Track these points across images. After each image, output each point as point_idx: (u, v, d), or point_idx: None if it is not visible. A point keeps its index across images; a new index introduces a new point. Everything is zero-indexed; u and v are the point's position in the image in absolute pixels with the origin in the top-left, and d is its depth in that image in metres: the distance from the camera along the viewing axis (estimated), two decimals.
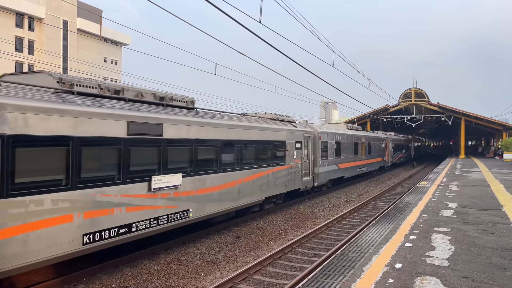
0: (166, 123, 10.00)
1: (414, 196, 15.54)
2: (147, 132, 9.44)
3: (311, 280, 8.14)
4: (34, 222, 7.02)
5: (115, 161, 8.64)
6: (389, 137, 40.55)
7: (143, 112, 9.50)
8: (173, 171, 10.17)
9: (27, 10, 51.99)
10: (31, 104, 7.01)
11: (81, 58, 55.95)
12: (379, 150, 35.10)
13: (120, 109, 8.88)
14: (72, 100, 7.99)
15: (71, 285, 8.28)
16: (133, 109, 9.29)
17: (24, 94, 7.19)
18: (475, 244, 8.06)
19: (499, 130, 48.08)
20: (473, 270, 6.47)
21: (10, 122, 6.65)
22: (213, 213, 11.96)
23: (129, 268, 9.35)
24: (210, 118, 12.01)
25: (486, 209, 12.15)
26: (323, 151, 21.72)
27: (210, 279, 9.51)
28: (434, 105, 47.31)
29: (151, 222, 9.52)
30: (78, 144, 7.77)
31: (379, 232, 11.21)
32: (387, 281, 5.99)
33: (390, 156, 39.85)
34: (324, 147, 21.85)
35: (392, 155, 40.95)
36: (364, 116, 49.09)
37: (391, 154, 40.66)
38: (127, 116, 8.90)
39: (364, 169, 30.23)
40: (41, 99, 7.36)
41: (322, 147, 21.52)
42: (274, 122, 16.72)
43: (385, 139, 37.88)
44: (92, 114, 8.12)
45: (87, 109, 8.04)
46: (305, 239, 12.93)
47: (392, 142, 40.81)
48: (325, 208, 18.90)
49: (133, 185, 9.02)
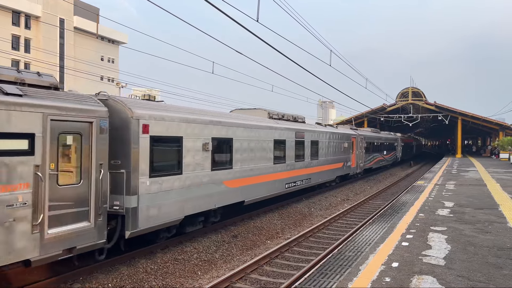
0: (307, 132, 19.38)
1: (411, 195, 15.58)
2: (300, 137, 18.59)
3: (308, 279, 8.16)
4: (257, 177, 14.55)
5: (302, 151, 18.86)
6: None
7: (300, 126, 19.19)
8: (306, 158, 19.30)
9: (23, 8, 51.77)
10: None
11: (78, 57, 55.78)
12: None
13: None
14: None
15: (67, 284, 8.26)
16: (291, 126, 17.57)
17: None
18: (472, 243, 8.09)
19: (496, 129, 48.27)
20: (469, 269, 6.49)
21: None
22: (318, 183, 21.33)
23: (126, 267, 9.33)
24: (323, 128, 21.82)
25: (483, 208, 12.19)
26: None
27: (207, 278, 9.51)
28: (431, 104, 47.44)
29: (303, 181, 18.88)
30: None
31: (376, 231, 11.24)
32: (383, 280, 6.01)
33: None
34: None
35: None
36: (361, 115, 49.18)
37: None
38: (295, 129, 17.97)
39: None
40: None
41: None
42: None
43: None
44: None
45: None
46: (302, 238, 12.94)
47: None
48: (322, 207, 18.92)
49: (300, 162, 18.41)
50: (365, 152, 31.02)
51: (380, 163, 36.74)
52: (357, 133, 29.31)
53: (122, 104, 9.17)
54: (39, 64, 45.81)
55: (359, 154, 29.62)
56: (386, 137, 39.98)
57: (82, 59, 53.61)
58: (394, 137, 44.53)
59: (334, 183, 24.82)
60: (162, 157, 10.07)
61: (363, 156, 30.83)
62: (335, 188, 24.33)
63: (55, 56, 53.44)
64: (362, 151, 30.49)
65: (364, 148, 31.05)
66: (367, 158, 32.14)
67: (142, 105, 9.70)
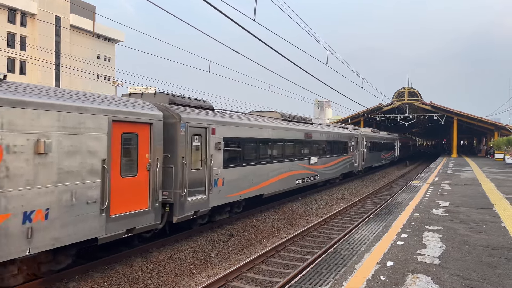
0: (314, 133, 20.38)
1: (407, 195, 15.65)
2: (308, 137, 20.09)
3: (304, 278, 8.19)
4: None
5: (311, 150, 20.29)
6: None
7: (310, 127, 20.72)
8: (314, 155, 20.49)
9: (19, 5, 51.46)
10: None
11: (74, 55, 55.54)
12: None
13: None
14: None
15: (62, 283, 8.23)
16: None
17: None
18: (466, 243, 8.14)
19: (491, 129, 48.52)
20: (464, 268, 6.54)
21: None
22: (325, 179, 22.95)
23: (122, 265, 9.32)
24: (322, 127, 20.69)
25: (477, 207, 12.26)
26: None
27: (202, 277, 9.51)
28: (427, 104, 47.60)
29: (312, 178, 20.39)
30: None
31: (372, 230, 11.29)
32: (378, 278, 6.04)
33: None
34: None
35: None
36: (357, 115, 49.24)
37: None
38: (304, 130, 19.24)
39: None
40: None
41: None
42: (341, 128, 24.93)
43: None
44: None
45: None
46: (298, 237, 12.97)
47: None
48: (318, 206, 18.96)
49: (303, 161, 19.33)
50: (366, 151, 31.95)
51: (380, 161, 37.67)
52: (359, 133, 29.85)
53: (171, 111, 10.73)
54: (35, 62, 45.59)
55: (362, 153, 30.30)
56: (386, 137, 40.67)
57: (78, 57, 53.41)
58: (392, 137, 45.13)
59: (338, 180, 25.74)
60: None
61: (365, 155, 31.44)
62: (331, 187, 24.38)
63: (51, 54, 53.16)
64: (364, 150, 31.05)
65: (366, 148, 31.71)
66: (369, 157, 32.72)
67: (184, 111, 11.20)
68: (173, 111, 10.65)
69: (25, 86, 7.46)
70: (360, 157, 29.83)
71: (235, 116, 14.18)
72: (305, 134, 19.40)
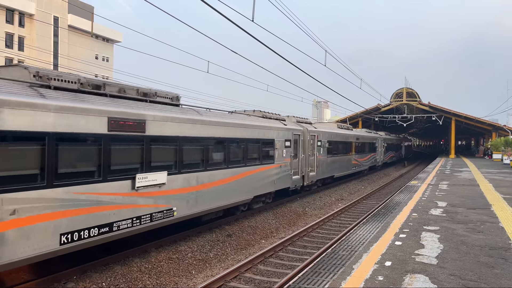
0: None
1: (405, 195, 15.68)
2: (356, 139, 30.41)
3: (302, 278, 8.20)
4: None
5: (355, 147, 30.48)
6: (383, 136, 41.71)
7: (356, 132, 30.12)
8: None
9: (17, 6, 51.38)
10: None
11: (72, 55, 55.44)
12: (371, 149, 35.84)
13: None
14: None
15: (60, 283, 8.22)
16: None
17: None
18: (464, 243, 8.16)
19: (489, 130, 48.64)
20: (461, 268, 6.56)
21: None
22: (362, 169, 32.45)
23: (120, 266, 9.31)
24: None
25: (475, 208, 12.29)
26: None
27: (201, 277, 9.51)
28: (425, 105, 47.70)
29: (357, 167, 31.04)
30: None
31: (370, 231, 11.31)
32: (376, 279, 6.05)
33: (381, 156, 39.89)
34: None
35: (383, 155, 41.40)
36: (356, 115, 49.32)
37: (382, 154, 40.85)
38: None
39: (358, 168, 31.84)
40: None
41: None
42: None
43: (378, 138, 39.35)
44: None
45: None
46: (296, 237, 12.98)
47: (383, 141, 41.74)
48: (316, 206, 18.98)
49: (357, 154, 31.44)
50: (384, 150, 41.50)
51: (392, 158, 47.29)
52: (379, 135, 39.71)
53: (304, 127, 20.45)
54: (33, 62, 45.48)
55: (381, 151, 39.79)
56: (396, 139, 51.45)
57: (76, 58, 53.29)
58: (401, 138, 55.77)
59: (365, 171, 34.40)
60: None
61: (383, 153, 40.89)
62: (330, 188, 24.43)
63: (49, 54, 53.09)
64: (382, 149, 40.46)
65: (384, 147, 41.11)
66: (385, 155, 42.16)
67: (307, 127, 20.91)
68: (305, 127, 20.11)
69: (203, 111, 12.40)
70: (380, 155, 39.23)
71: (332, 128, 25.98)
72: (356, 138, 30.24)
